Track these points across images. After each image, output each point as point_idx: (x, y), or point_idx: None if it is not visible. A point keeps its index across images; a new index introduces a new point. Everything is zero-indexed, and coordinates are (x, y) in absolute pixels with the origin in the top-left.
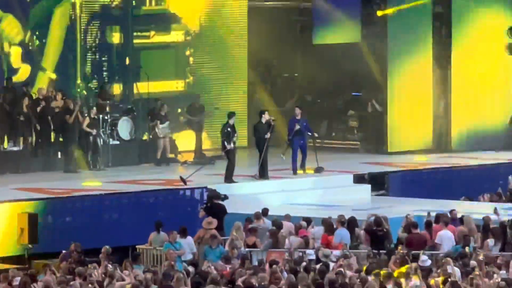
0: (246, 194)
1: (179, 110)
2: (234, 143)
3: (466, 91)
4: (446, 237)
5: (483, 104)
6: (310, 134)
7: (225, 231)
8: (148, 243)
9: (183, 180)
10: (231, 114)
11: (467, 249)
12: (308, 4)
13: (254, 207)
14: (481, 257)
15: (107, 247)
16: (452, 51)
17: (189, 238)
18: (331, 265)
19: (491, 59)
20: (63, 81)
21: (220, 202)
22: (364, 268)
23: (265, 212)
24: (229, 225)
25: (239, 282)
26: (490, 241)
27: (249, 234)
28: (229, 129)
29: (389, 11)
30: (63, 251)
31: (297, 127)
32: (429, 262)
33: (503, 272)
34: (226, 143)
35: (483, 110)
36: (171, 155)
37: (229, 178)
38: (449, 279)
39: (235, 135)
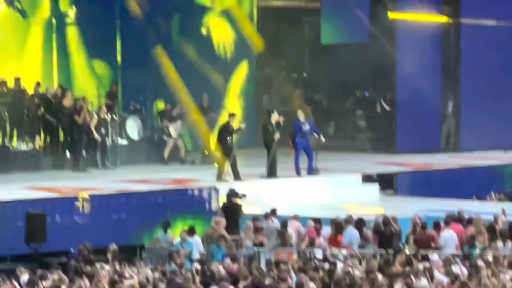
0: (255, 194)
1: None
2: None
3: (474, 90)
4: (448, 238)
5: (490, 102)
6: (316, 134)
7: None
8: (155, 242)
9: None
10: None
11: (477, 250)
12: (317, 4)
13: (262, 207)
14: (489, 257)
15: (114, 245)
16: (461, 51)
17: (196, 237)
18: (339, 264)
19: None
20: None
21: (238, 201)
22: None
23: (273, 212)
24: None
25: (243, 283)
26: (499, 244)
27: (256, 233)
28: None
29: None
30: (72, 250)
31: (307, 127)
32: (439, 262)
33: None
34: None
35: (491, 109)
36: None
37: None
38: (457, 279)
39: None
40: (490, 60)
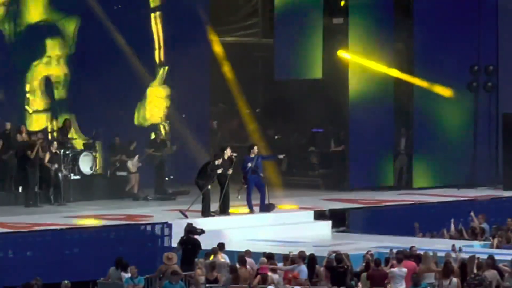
0: (208, 230)
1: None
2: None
3: (428, 128)
4: (395, 274)
5: (445, 140)
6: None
7: None
8: (107, 277)
9: (183, 213)
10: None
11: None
12: (270, 40)
13: (215, 243)
14: None
15: (66, 281)
16: (413, 87)
17: None
18: None
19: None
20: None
21: (196, 236)
22: None
23: (220, 247)
24: None
25: None
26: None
27: (211, 270)
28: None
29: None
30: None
31: (249, 165)
32: None
33: None
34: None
35: (445, 147)
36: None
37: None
38: None
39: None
40: (442, 97)
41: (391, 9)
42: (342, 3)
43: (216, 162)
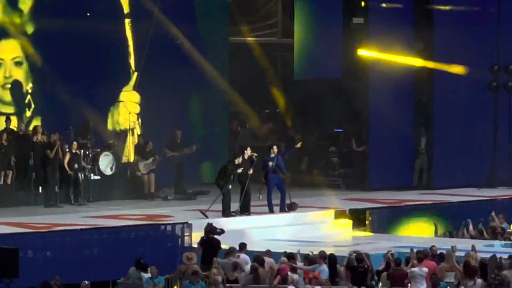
0: (228, 230)
1: None
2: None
3: (448, 128)
4: (416, 274)
5: (465, 140)
6: (281, 171)
7: None
8: (127, 277)
9: (203, 213)
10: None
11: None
12: (290, 40)
13: (235, 243)
14: None
15: (86, 282)
16: (434, 87)
17: None
18: None
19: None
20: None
21: (216, 236)
22: None
23: (242, 247)
24: None
25: None
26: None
27: (233, 270)
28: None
29: None
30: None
31: (270, 164)
32: None
33: None
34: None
35: (465, 147)
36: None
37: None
38: None
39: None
40: (462, 97)
41: (411, 9)
42: (363, 3)
43: (236, 162)
